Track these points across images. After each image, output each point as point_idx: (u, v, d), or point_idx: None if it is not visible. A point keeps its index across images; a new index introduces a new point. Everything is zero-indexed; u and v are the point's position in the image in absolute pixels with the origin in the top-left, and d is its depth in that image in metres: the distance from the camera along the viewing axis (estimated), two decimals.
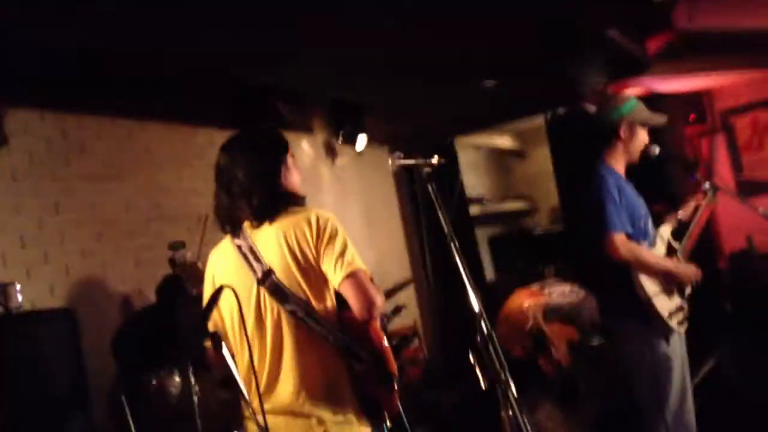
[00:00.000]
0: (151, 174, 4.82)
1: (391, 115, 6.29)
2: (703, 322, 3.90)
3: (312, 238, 2.63)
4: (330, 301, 2.70)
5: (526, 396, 3.10)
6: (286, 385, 2.61)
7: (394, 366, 2.71)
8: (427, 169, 2.74)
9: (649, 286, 3.58)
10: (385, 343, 2.73)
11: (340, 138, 6.18)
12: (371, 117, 6.11)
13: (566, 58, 5.38)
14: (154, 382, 3.16)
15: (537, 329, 4.53)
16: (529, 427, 2.33)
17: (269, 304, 2.65)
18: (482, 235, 7.30)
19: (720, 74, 6.40)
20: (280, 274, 2.63)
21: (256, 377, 2.55)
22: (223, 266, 2.76)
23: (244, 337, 2.61)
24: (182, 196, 4.96)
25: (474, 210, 7.04)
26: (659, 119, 3.84)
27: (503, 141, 8.11)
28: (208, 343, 2.60)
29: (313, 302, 2.64)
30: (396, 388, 2.69)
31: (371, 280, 2.64)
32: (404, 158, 2.75)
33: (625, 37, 5.06)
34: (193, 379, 2.98)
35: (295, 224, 2.66)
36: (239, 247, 2.70)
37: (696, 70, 6.24)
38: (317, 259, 2.64)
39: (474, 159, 7.70)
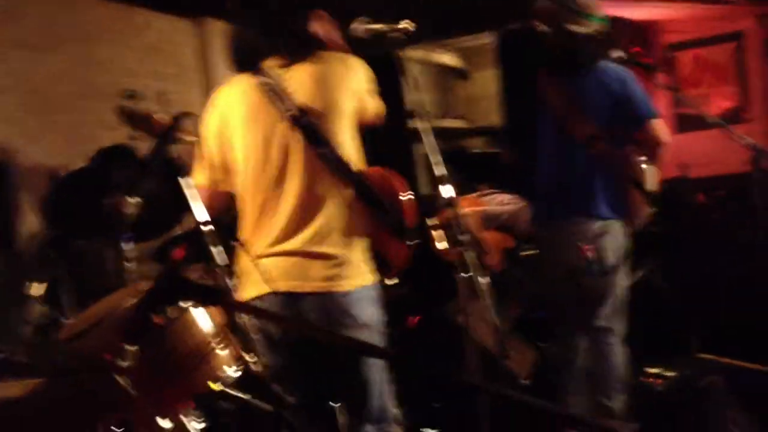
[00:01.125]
0: (85, 49, 4.60)
1: (338, 16, 6.09)
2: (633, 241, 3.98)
3: (351, 82, 2.60)
4: (358, 150, 2.67)
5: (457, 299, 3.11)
6: (311, 227, 2.57)
7: (414, 219, 2.70)
8: (395, 35, 2.63)
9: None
10: (407, 197, 2.71)
11: None
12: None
13: None
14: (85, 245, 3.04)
15: (473, 236, 4.54)
16: (483, 287, 2.32)
17: (300, 145, 2.56)
18: (418, 150, 7.24)
19: (668, 4, 6.41)
20: (314, 114, 2.55)
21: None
22: (241, 105, 2.63)
23: (264, 178, 2.58)
24: (117, 75, 4.75)
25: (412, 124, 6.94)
26: None
27: (447, 59, 8.01)
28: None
29: (344, 147, 2.60)
30: (413, 242, 2.69)
31: None
32: (371, 23, 2.64)
33: None
34: (130, 246, 2.89)
35: (331, 65, 2.60)
36: (265, 85, 2.57)
37: None
38: (352, 102, 2.60)
39: (416, 74, 7.58)
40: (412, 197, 2.73)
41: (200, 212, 2.17)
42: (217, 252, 2.14)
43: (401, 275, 2.83)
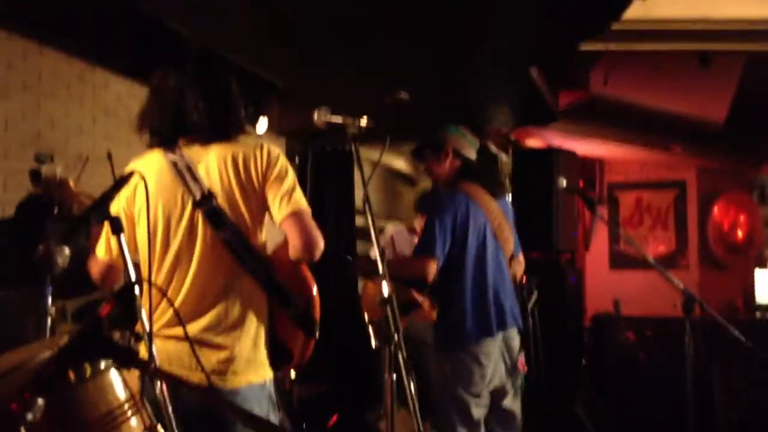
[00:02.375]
0: (38, 100, 4.53)
1: (295, 107, 6.15)
2: (562, 371, 4.01)
3: (261, 168, 2.51)
4: (264, 237, 2.58)
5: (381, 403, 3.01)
6: (206, 315, 2.48)
7: (318, 313, 2.58)
8: (353, 130, 2.65)
9: None
10: (314, 289, 2.60)
11: None
12: (273, 104, 5.94)
13: (483, 90, 5.45)
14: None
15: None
16: (413, 390, 2.25)
17: (203, 228, 2.49)
18: (361, 247, 7.25)
19: (615, 146, 6.65)
20: (221, 198, 2.48)
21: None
22: (150, 181, 2.47)
23: (164, 259, 2.48)
24: (66, 131, 4.69)
25: (359, 221, 7.01)
26: None
27: (398, 163, 8.13)
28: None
29: (250, 234, 2.52)
30: (316, 337, 2.56)
31: None
32: (332, 114, 2.66)
33: (543, 82, 5.17)
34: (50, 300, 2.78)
35: (245, 150, 2.52)
36: (174, 164, 2.52)
37: (595, 136, 6.46)
38: (263, 190, 2.51)
39: (366, 174, 7.63)
40: (316, 292, 2.63)
41: (133, 272, 2.08)
42: (146, 317, 2.05)
43: (302, 369, 2.73)
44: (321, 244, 2.50)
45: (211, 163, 2.53)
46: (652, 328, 5.68)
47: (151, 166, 2.56)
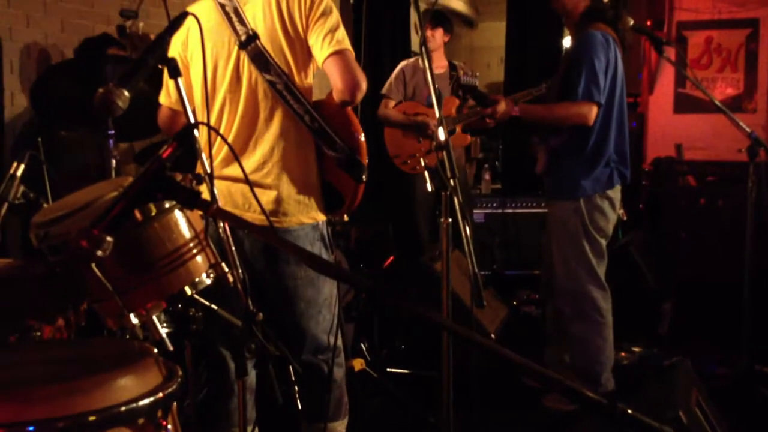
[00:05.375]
0: None
1: None
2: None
3: (305, 8, 2.48)
4: (310, 80, 2.59)
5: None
6: (253, 156, 2.53)
7: (365, 158, 2.59)
8: None
9: None
10: (361, 134, 2.60)
11: None
12: None
13: None
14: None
15: None
16: (469, 233, 2.27)
17: (248, 70, 2.52)
18: None
19: None
20: (265, 40, 2.48)
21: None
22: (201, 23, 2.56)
23: (213, 101, 2.52)
24: None
25: None
26: None
27: (456, 3, 7.89)
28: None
29: (295, 76, 2.53)
30: (364, 180, 2.58)
31: None
32: None
33: None
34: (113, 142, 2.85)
35: None
36: (222, 6, 2.52)
37: None
38: (306, 30, 2.50)
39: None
40: (364, 138, 2.63)
41: (191, 113, 2.10)
42: (206, 158, 2.08)
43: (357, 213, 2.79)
44: (363, 85, 2.47)
45: (257, 5, 2.52)
46: (715, 173, 5.57)
47: (201, 9, 2.56)
